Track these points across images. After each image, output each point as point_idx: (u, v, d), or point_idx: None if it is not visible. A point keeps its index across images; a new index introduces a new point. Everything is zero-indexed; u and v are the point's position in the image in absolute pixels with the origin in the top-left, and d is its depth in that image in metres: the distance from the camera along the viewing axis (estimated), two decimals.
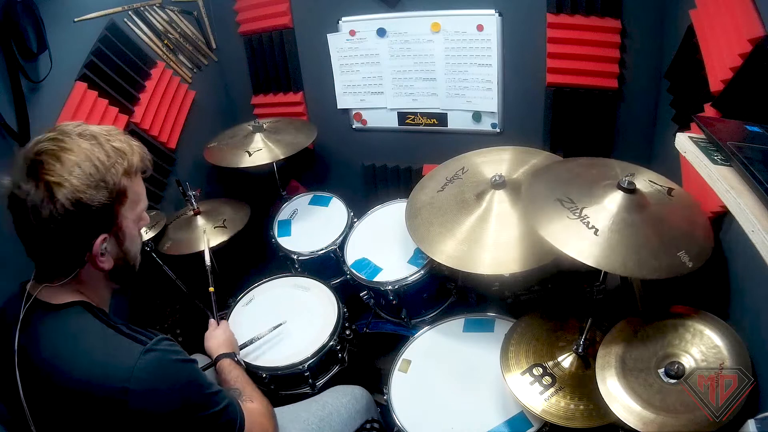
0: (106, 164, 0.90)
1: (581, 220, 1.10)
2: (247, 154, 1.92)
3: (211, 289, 1.66)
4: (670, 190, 1.20)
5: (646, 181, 1.21)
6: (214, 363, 1.37)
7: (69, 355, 0.89)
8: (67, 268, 0.93)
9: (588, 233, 1.07)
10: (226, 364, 1.35)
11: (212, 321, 1.54)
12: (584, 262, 1.03)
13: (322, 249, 1.83)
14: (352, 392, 1.46)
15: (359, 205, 1.99)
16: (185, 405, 0.93)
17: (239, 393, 1.20)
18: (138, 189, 0.99)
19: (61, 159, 0.87)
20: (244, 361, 1.47)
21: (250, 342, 1.53)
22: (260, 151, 1.93)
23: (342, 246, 1.81)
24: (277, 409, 1.39)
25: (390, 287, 1.58)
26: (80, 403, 0.88)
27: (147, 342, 0.90)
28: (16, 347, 0.89)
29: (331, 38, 2.11)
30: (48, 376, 0.89)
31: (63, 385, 0.88)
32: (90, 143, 0.90)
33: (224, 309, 1.79)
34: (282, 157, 1.92)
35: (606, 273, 1.17)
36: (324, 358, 1.52)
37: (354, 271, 1.69)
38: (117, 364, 0.87)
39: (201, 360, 1.49)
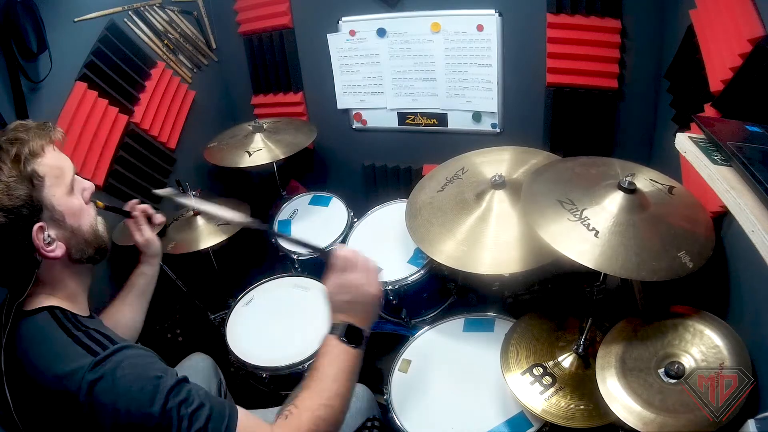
0: (8, 161, 0.88)
1: (581, 222, 1.10)
2: (247, 154, 1.92)
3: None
4: (671, 188, 1.20)
5: (646, 179, 1.21)
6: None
7: (33, 361, 0.88)
8: (25, 277, 0.91)
9: (588, 235, 1.07)
10: (326, 348, 1.06)
11: (338, 251, 1.06)
12: (585, 264, 1.03)
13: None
14: (354, 390, 1.45)
15: (359, 205, 1.99)
16: (137, 421, 0.85)
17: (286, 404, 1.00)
18: (53, 162, 0.95)
19: None
20: (246, 363, 1.46)
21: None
22: (260, 151, 1.93)
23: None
24: (275, 408, 1.39)
25: (390, 287, 1.58)
26: (47, 408, 0.87)
27: (99, 353, 0.86)
28: (2, 353, 0.88)
29: (331, 38, 2.11)
30: (21, 381, 0.88)
31: (32, 391, 0.87)
32: None
33: (224, 309, 1.79)
34: (282, 157, 1.92)
35: (606, 273, 1.17)
36: None
37: None
38: (69, 373, 0.84)
39: (201, 360, 1.49)
